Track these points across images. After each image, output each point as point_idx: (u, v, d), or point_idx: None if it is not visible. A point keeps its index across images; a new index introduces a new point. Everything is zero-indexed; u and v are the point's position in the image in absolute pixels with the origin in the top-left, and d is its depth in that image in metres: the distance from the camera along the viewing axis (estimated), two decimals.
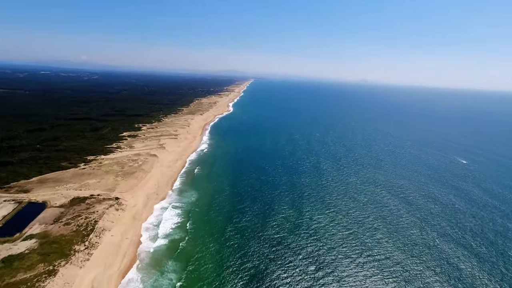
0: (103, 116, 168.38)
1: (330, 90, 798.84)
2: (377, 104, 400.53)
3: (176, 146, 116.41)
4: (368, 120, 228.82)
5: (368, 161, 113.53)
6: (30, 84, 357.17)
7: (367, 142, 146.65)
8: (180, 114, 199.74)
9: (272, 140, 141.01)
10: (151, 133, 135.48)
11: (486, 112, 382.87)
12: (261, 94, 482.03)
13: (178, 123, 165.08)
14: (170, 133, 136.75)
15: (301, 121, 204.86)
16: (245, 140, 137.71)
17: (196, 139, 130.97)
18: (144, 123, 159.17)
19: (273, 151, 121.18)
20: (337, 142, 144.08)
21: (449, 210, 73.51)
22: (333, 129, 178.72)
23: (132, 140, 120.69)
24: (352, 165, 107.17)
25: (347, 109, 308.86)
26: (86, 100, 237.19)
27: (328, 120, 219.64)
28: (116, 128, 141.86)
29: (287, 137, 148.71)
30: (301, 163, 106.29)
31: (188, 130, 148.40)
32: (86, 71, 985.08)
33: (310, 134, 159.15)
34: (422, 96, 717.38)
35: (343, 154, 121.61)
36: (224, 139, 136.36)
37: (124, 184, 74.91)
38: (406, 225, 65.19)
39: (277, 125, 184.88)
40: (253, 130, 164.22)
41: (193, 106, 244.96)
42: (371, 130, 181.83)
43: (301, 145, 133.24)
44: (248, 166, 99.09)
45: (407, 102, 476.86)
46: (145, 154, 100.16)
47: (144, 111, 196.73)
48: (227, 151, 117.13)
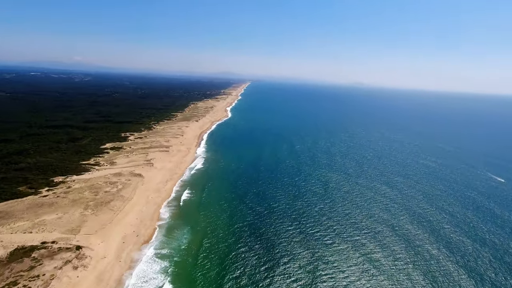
0: (86, 123, 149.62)
1: (326, 93, 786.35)
2: (379, 109, 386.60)
3: (167, 161, 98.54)
4: (373, 126, 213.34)
5: (389, 180, 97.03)
6: (14, 86, 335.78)
7: (378, 154, 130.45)
8: (174, 120, 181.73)
9: (273, 152, 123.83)
10: (138, 144, 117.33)
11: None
12: (259, 98, 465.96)
13: (171, 131, 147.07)
14: (161, 144, 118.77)
15: (302, 128, 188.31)
16: (245, 152, 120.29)
17: (190, 152, 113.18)
18: (132, 131, 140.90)
19: (274, 166, 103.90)
20: (345, 154, 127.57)
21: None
22: (337, 137, 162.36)
23: (115, 154, 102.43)
24: (373, 187, 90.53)
25: (349, 114, 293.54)
26: (71, 104, 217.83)
27: (329, 126, 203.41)
28: (99, 138, 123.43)
29: (290, 149, 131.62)
30: (309, 183, 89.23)
31: (182, 140, 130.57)
32: (79, 72, 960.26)
33: (314, 144, 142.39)
34: (423, 100, 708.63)
35: (355, 169, 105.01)
36: (222, 151, 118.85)
37: (93, 221, 56.87)
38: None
39: (277, 133, 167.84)
40: (253, 140, 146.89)
41: (189, 111, 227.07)
42: (380, 138, 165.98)
43: (305, 159, 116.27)
44: (249, 189, 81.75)
45: (412, 107, 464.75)
46: (127, 174, 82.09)
47: (134, 117, 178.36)
48: (226, 167, 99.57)
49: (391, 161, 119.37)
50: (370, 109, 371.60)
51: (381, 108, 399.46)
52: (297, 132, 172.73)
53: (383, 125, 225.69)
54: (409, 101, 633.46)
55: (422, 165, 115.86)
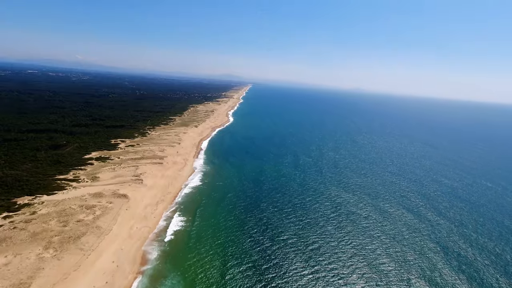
0: (73, 127, 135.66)
1: (328, 98, 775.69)
2: (385, 117, 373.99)
3: (159, 176, 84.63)
4: (381, 135, 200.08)
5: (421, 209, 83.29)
6: (5, 84, 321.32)
7: (393, 169, 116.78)
8: (171, 125, 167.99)
9: (277, 165, 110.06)
10: (129, 154, 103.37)
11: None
12: (261, 102, 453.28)
13: (167, 138, 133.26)
14: (155, 154, 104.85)
15: (307, 137, 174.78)
16: (247, 165, 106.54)
17: (187, 165, 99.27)
18: (124, 137, 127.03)
19: (279, 183, 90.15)
20: (355, 168, 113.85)
21: None
22: (345, 148, 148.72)
23: (99, 166, 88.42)
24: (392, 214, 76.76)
25: (354, 122, 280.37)
26: (62, 104, 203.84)
27: (335, 135, 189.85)
28: (85, 145, 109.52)
29: (295, 161, 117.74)
30: (319, 205, 75.44)
31: (179, 149, 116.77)
32: (77, 71, 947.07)
33: (320, 156, 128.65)
34: (427, 108, 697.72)
35: (370, 188, 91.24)
36: (223, 164, 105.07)
37: (53, 268, 42.82)
38: None
39: (281, 142, 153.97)
40: (256, 150, 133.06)
41: (188, 115, 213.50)
42: (390, 149, 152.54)
43: (313, 174, 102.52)
44: (251, 214, 67.91)
45: (416, 115, 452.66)
46: (110, 195, 68.07)
47: (128, 120, 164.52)
48: (226, 185, 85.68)
49: (410, 179, 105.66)
50: (375, 116, 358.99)
51: (386, 116, 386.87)
52: (302, 141, 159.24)
53: (392, 135, 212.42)
54: (413, 109, 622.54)
55: (446, 186, 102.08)
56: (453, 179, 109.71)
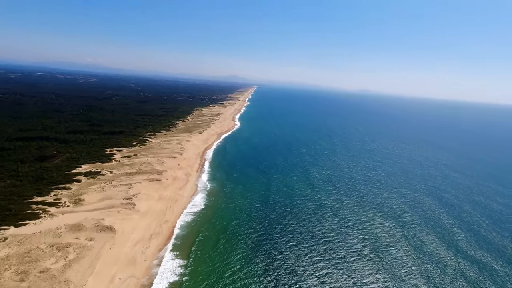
0: (68, 134, 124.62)
1: (336, 100, 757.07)
2: (397, 121, 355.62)
3: (155, 198, 71.96)
4: (399, 141, 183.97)
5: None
6: (11, 86, 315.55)
7: (420, 188, 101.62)
8: (174, 131, 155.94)
9: (290, 183, 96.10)
10: (123, 167, 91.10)
11: None
12: (268, 105, 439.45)
13: (168, 147, 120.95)
14: (153, 168, 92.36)
15: (318, 145, 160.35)
16: (256, 179, 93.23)
17: (189, 182, 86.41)
18: (121, 146, 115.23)
19: (292, 203, 76.46)
20: (376, 182, 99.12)
21: None
22: (361, 159, 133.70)
23: (87, 183, 76.31)
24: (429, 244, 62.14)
25: (366, 127, 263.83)
26: (61, 108, 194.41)
27: (348, 143, 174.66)
28: (76, 156, 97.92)
29: (306, 175, 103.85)
30: (343, 239, 61.39)
31: (181, 161, 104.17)
32: (85, 73, 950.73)
33: (334, 168, 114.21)
34: (436, 110, 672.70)
35: (399, 211, 76.67)
36: (230, 179, 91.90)
37: None
38: None
39: (291, 152, 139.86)
40: (265, 161, 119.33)
41: (192, 119, 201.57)
42: (416, 158, 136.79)
43: (329, 192, 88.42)
44: (265, 248, 54.45)
45: (429, 118, 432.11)
46: (92, 227, 55.47)
47: (128, 126, 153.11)
48: (233, 208, 72.51)
49: (446, 202, 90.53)
50: (384, 119, 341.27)
51: (396, 119, 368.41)
52: (311, 149, 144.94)
53: (408, 139, 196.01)
54: (422, 111, 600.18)
55: (496, 212, 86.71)
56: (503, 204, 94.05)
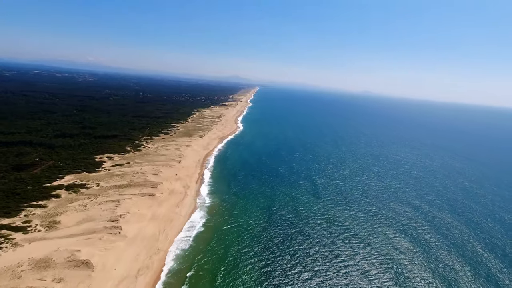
0: (55, 138, 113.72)
1: (339, 101, 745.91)
2: (403, 123, 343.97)
3: (147, 218, 60.95)
4: (410, 146, 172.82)
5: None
6: (4, 85, 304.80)
7: (439, 203, 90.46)
8: (173, 135, 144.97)
9: (296, 196, 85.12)
10: (113, 178, 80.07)
11: None
12: (271, 106, 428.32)
13: (165, 153, 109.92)
14: (146, 179, 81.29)
15: (322, 148, 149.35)
16: (259, 195, 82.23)
17: (187, 197, 75.35)
18: (113, 152, 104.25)
19: (303, 227, 65.41)
20: (388, 197, 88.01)
21: None
22: (371, 168, 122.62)
23: (67, 200, 65.27)
24: None
25: (373, 130, 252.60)
26: (53, 108, 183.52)
27: (356, 149, 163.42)
28: (60, 164, 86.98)
29: (315, 187, 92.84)
30: (364, 270, 50.42)
31: (179, 170, 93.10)
32: (85, 72, 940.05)
33: (344, 178, 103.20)
34: (443, 113, 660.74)
35: (424, 233, 65.60)
36: (231, 193, 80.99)
37: None
38: None
39: (296, 158, 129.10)
40: (269, 170, 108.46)
41: (192, 122, 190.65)
42: (433, 168, 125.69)
43: (339, 207, 77.39)
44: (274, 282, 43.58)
45: (438, 121, 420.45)
46: (63, 262, 44.19)
47: (123, 129, 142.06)
48: (237, 229, 61.57)
49: (470, 221, 79.39)
50: (390, 122, 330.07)
51: (403, 122, 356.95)
52: (316, 155, 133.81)
53: (420, 145, 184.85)
54: (427, 114, 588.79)
55: None
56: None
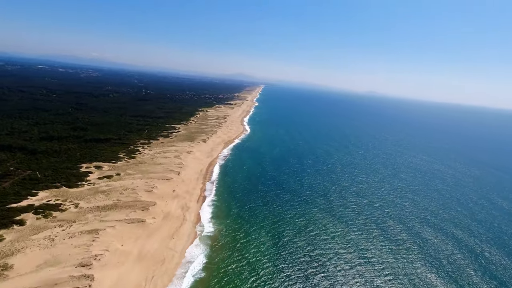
0: (39, 142, 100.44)
1: (341, 101, 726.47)
2: (425, 129, 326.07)
3: (132, 258, 46.88)
4: (434, 154, 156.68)
5: None
6: (1, 80, 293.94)
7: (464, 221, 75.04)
8: (173, 138, 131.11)
9: (321, 223, 70.65)
10: (97, 196, 66.18)
11: None
12: (278, 106, 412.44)
13: (163, 162, 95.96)
14: (137, 198, 67.27)
15: (334, 156, 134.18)
16: (275, 219, 67.92)
17: (186, 221, 61.11)
18: (103, 160, 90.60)
19: (336, 274, 50.98)
20: (416, 218, 72.84)
21: None
22: (391, 179, 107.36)
23: (33, 227, 51.50)
24: None
25: (388, 134, 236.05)
26: (47, 106, 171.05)
27: (372, 157, 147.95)
28: (37, 176, 73.52)
29: (331, 205, 78.16)
30: None
31: (177, 185, 79.06)
32: (89, 67, 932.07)
33: (362, 193, 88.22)
34: (454, 115, 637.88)
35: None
36: (241, 216, 66.81)
37: None
38: None
39: (308, 168, 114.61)
40: (286, 184, 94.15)
41: (195, 123, 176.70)
42: (487, 188, 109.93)
43: (363, 237, 62.60)
44: None
45: (449, 123, 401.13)
46: None
47: (118, 131, 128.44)
48: (248, 267, 47.38)
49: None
50: (406, 127, 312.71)
51: (416, 125, 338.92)
52: (332, 164, 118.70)
53: (441, 153, 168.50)
54: (439, 116, 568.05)
55: None
56: None
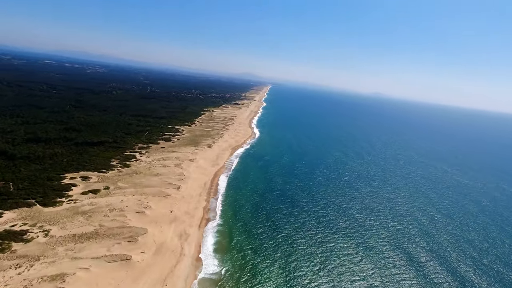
0: (23, 144, 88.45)
1: (354, 103, 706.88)
2: (443, 134, 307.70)
3: None
4: (467, 169, 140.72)
5: None
6: (3, 73, 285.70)
7: None
8: (175, 141, 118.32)
9: (354, 261, 56.85)
10: (75, 220, 53.46)
11: None
12: (286, 107, 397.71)
13: (161, 172, 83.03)
14: (124, 222, 54.24)
15: (363, 166, 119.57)
16: (291, 249, 54.31)
17: (184, 258, 47.56)
18: (91, 169, 78.01)
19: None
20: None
21: None
22: (419, 197, 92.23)
23: None
24: None
25: (406, 141, 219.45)
26: (43, 102, 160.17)
27: (400, 164, 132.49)
28: (9, 189, 61.25)
29: (371, 230, 64.00)
30: None
31: (177, 202, 65.96)
32: (96, 63, 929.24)
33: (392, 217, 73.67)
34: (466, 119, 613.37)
35: None
36: (251, 246, 53.48)
37: None
38: None
39: (334, 183, 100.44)
40: (302, 202, 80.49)
41: (200, 124, 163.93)
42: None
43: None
44: None
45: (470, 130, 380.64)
46: None
47: (115, 133, 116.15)
48: None
49: None
50: (424, 133, 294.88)
51: (434, 130, 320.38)
52: (349, 176, 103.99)
53: (468, 164, 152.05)
54: (452, 120, 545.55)
55: None
56: None
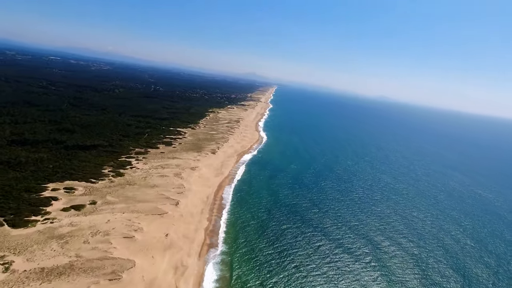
0: (5, 147, 79.26)
1: (363, 107, 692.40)
2: (466, 143, 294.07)
3: None
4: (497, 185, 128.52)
5: None
6: (4, 69, 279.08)
7: None
8: (176, 146, 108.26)
9: None
10: (47, 248, 43.40)
11: None
12: (293, 109, 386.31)
13: (158, 183, 72.81)
14: (107, 253, 43.70)
15: (377, 176, 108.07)
16: (306, 281, 43.60)
17: None
18: (80, 178, 67.97)
19: None
20: None
21: None
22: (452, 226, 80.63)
23: None
24: None
25: (412, 139, 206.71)
26: (39, 100, 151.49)
27: (424, 181, 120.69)
28: None
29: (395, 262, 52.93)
30: None
31: (173, 223, 55.62)
32: (101, 60, 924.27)
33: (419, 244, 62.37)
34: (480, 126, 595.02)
35: None
36: (258, 277, 42.97)
37: None
38: None
39: (347, 196, 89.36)
40: (315, 221, 69.61)
41: (204, 126, 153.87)
42: None
43: None
44: None
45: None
46: None
47: (111, 136, 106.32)
48: None
49: None
50: (441, 139, 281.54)
51: (452, 138, 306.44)
52: (364, 188, 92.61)
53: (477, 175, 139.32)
54: (467, 127, 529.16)
55: None
56: None
